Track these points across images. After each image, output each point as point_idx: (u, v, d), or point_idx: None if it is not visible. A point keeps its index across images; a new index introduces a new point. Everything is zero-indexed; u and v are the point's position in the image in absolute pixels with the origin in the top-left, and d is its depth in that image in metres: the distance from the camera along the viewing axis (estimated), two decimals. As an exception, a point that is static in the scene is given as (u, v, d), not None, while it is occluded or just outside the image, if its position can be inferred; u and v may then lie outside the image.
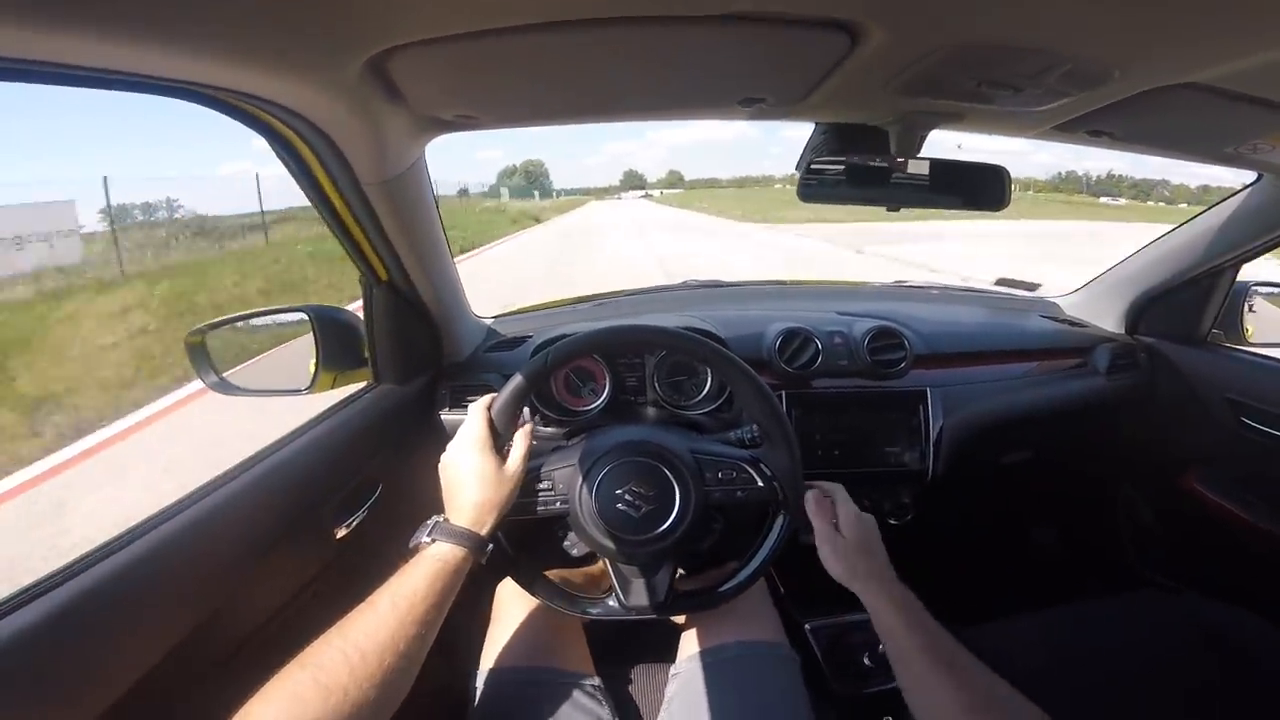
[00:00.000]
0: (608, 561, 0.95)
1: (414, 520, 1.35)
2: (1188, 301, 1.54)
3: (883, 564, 0.85)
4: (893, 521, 1.50)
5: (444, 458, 0.85)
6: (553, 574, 1.00)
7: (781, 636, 1.06)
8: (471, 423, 0.85)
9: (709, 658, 0.99)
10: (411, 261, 1.09)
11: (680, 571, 1.24)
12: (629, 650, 1.11)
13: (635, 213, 41.57)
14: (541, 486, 0.91)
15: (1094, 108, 0.79)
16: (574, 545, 1.07)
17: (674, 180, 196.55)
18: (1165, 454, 1.65)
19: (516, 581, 0.94)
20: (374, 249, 1.04)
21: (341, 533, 1.05)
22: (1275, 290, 1.55)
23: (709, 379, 1.30)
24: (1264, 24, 0.54)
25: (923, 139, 0.94)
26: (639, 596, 0.93)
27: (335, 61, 0.62)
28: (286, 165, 0.83)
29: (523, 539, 0.92)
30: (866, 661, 1.27)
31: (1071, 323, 1.73)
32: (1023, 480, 1.85)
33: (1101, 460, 1.83)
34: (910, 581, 1.51)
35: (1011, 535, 1.99)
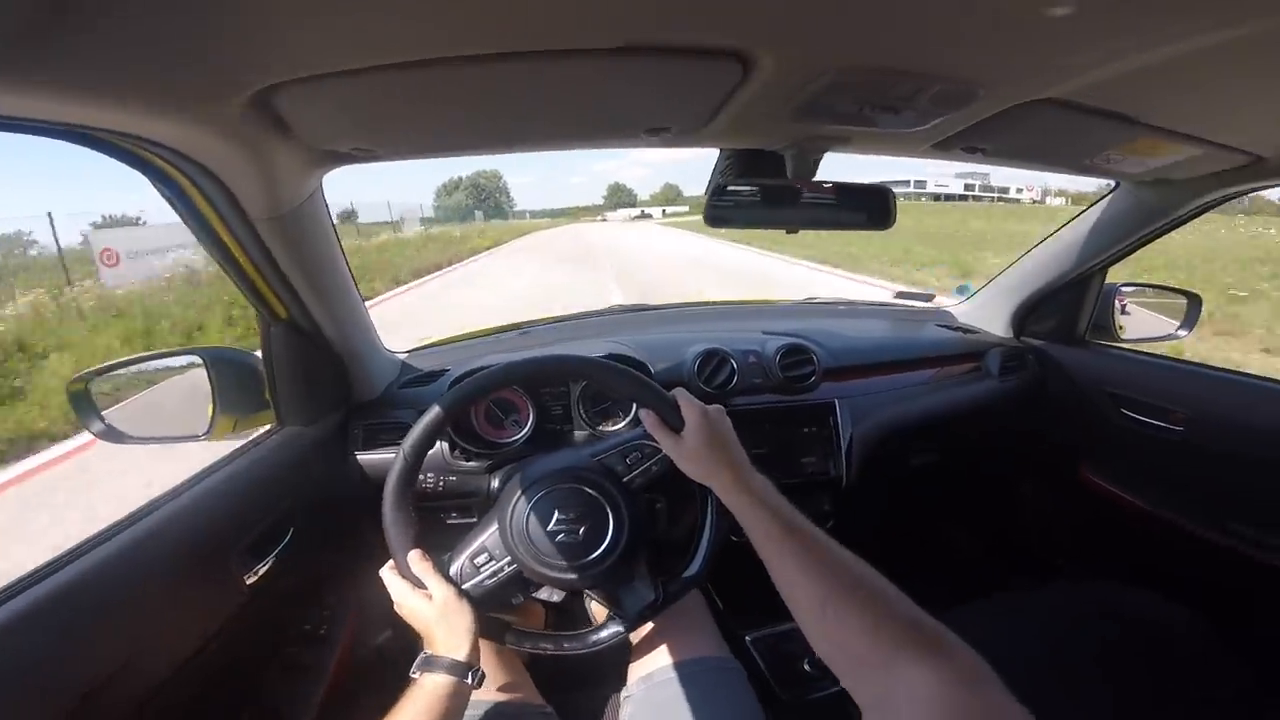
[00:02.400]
0: (588, 591, 0.95)
1: (330, 563, 1.28)
2: (1065, 304, 1.67)
3: (734, 455, 0.82)
4: None
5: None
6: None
7: (725, 650, 1.07)
8: (391, 585, 0.87)
9: (660, 677, 0.99)
10: (311, 297, 1.04)
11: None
12: (575, 677, 1.10)
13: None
14: (480, 561, 0.90)
15: (965, 126, 0.85)
16: (550, 593, 1.05)
17: (671, 196, 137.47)
18: (1059, 448, 1.76)
19: (514, 646, 0.94)
20: (269, 285, 0.99)
21: (251, 579, 1.00)
22: (1137, 289, 1.70)
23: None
24: (1104, 42, 0.60)
25: (817, 162, 0.99)
26: (633, 604, 0.93)
27: (216, 98, 0.59)
28: (170, 203, 0.79)
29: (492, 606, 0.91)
30: (806, 667, 1.28)
31: (965, 330, 1.84)
32: (933, 482, 1.93)
33: (1003, 458, 1.93)
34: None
35: (928, 536, 2.07)
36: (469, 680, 0.78)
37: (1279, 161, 1.02)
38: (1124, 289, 1.66)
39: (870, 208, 1.00)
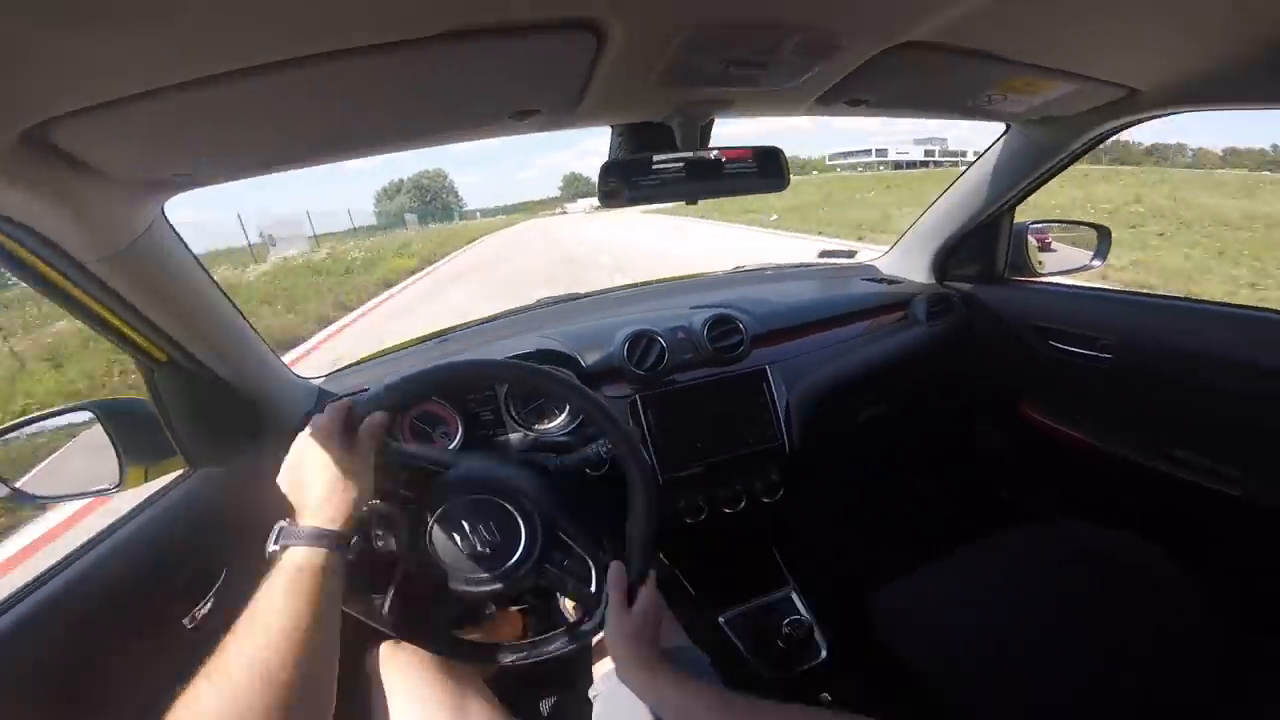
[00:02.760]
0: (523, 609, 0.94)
1: None
2: (980, 246, 1.71)
3: (653, 656, 0.83)
4: (766, 500, 1.53)
5: (288, 459, 0.78)
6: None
7: (685, 639, 1.07)
8: (321, 420, 0.78)
9: None
10: (186, 335, 0.96)
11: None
12: (544, 680, 1.09)
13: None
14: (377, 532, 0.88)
15: (840, 78, 0.85)
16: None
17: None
18: (997, 388, 1.80)
19: (455, 658, 0.92)
20: (134, 330, 0.90)
21: (192, 622, 0.97)
22: (1046, 225, 1.74)
23: None
24: None
25: (706, 130, 0.98)
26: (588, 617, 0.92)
27: None
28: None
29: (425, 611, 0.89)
30: (781, 643, 1.29)
31: (890, 280, 1.87)
32: (879, 437, 1.95)
33: (945, 404, 1.96)
34: (797, 555, 1.52)
35: (882, 492, 2.09)
36: (338, 552, 0.70)
37: (1155, 94, 1.04)
38: (1034, 226, 1.71)
39: (763, 170, 0.99)
